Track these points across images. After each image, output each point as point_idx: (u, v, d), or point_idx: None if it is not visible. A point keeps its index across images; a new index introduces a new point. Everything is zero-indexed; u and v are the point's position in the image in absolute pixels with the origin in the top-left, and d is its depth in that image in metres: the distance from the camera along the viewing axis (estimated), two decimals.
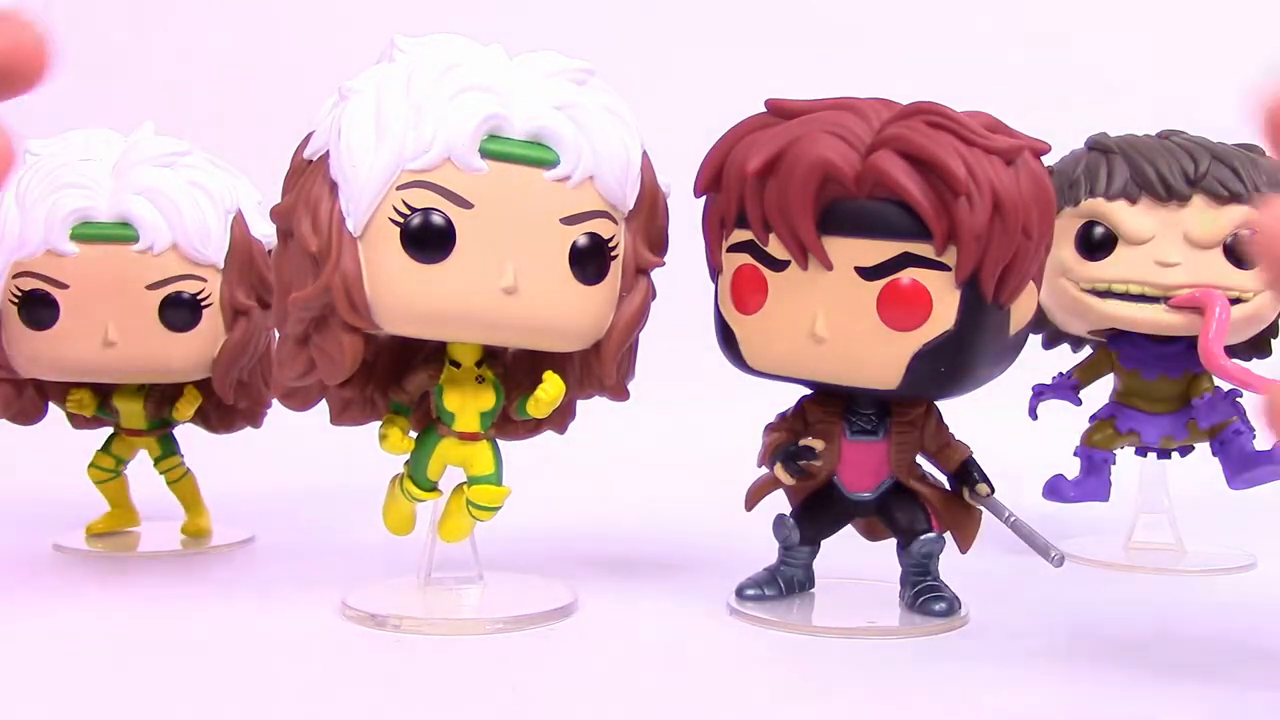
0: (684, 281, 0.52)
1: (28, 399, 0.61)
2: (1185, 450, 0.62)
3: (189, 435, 0.64)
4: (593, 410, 0.52)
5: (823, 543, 0.50)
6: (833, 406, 0.48)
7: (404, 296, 0.43)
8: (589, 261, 0.45)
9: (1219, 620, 0.50)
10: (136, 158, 0.57)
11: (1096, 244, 0.58)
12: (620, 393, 0.50)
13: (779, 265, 0.45)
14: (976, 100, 0.45)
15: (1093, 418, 0.62)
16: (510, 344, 0.49)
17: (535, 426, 0.52)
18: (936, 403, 0.48)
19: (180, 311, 0.57)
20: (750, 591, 0.49)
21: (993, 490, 0.48)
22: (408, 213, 0.43)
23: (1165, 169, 0.57)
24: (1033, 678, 0.42)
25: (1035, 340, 0.62)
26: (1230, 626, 0.49)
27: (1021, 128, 0.45)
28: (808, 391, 0.49)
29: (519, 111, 0.44)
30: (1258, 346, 0.62)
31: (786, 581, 0.50)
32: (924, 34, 1.19)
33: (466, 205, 0.43)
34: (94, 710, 0.37)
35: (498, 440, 0.49)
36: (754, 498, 0.51)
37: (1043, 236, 0.45)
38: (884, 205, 0.43)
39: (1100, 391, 0.63)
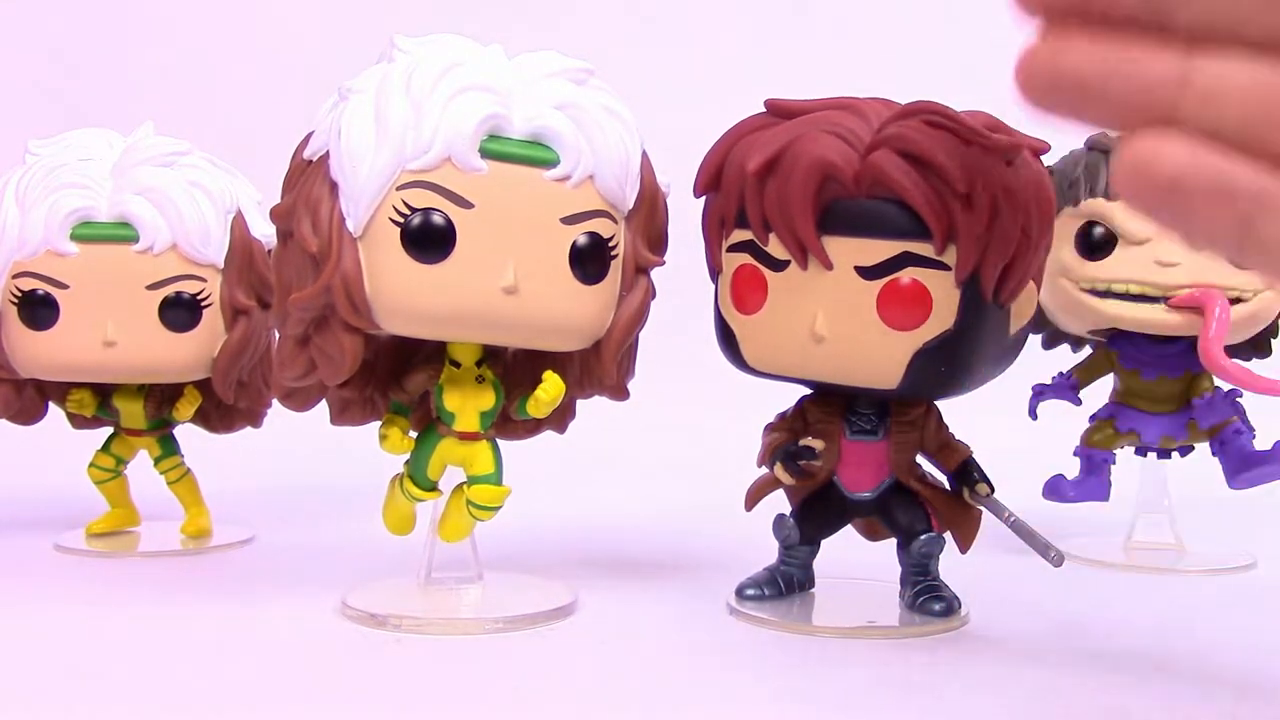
0: (684, 281, 0.52)
1: (28, 399, 0.61)
2: (1185, 450, 0.62)
3: (189, 435, 0.64)
4: (593, 410, 0.52)
5: (823, 543, 0.50)
6: (833, 406, 0.48)
7: (404, 296, 0.43)
8: (589, 261, 0.45)
9: (1219, 620, 0.50)
10: (136, 158, 0.57)
11: (1096, 244, 0.58)
12: (620, 392, 0.50)
13: (779, 265, 0.45)
14: (977, 100, 0.45)
15: (1093, 418, 0.62)
16: (510, 344, 0.49)
17: (535, 426, 0.52)
18: (936, 403, 0.48)
19: (180, 311, 0.57)
20: (750, 591, 0.49)
21: (993, 490, 0.48)
22: (408, 213, 0.43)
23: None
24: (1032, 678, 0.42)
25: (1035, 340, 0.62)
26: (1230, 626, 0.49)
27: (1021, 128, 0.45)
28: (808, 391, 0.49)
29: (519, 111, 0.44)
30: (1258, 346, 0.62)
31: (786, 581, 0.50)
32: (924, 34, 1.19)
33: (467, 205, 0.43)
34: (94, 710, 0.37)
35: (498, 440, 0.49)
36: (754, 498, 0.51)
37: (1042, 236, 0.45)
38: (883, 205, 0.43)
39: (1100, 391, 0.63)
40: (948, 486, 0.49)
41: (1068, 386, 0.63)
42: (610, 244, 0.46)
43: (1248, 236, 0.24)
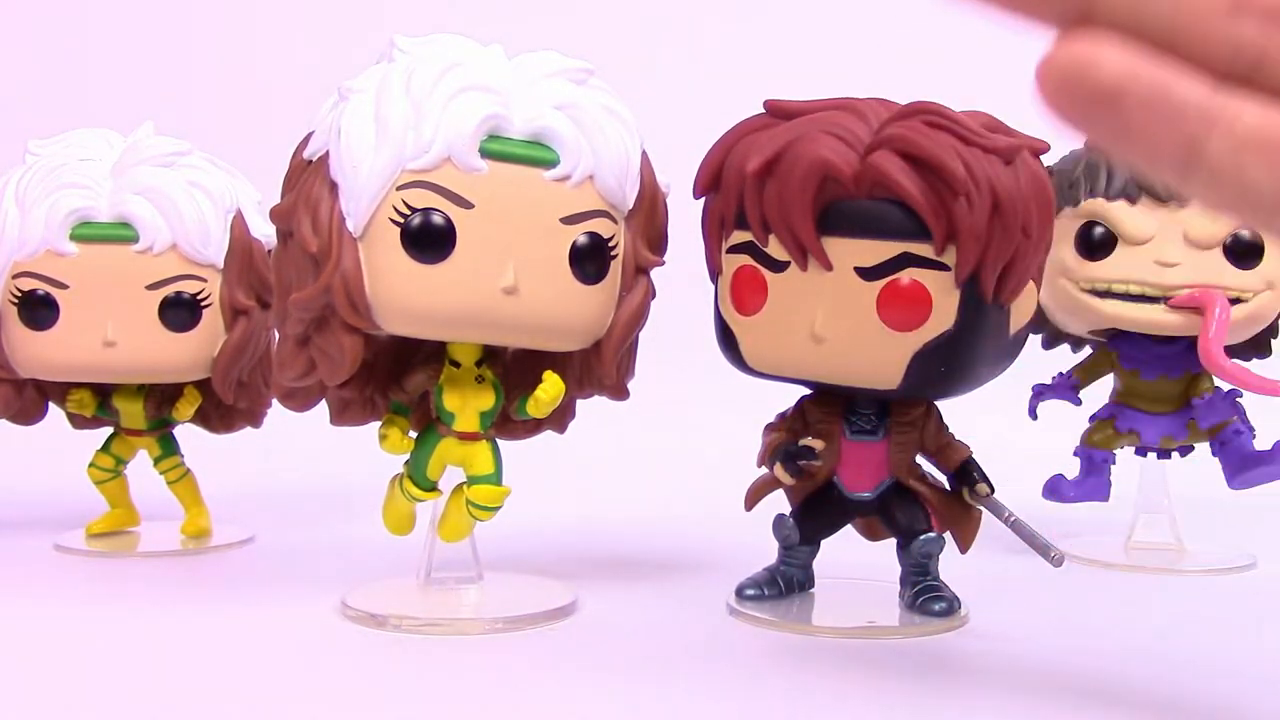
0: (684, 281, 0.52)
1: (28, 399, 0.61)
2: (1185, 450, 0.62)
3: (189, 435, 0.64)
4: (593, 410, 0.52)
5: (823, 543, 0.50)
6: (833, 406, 0.48)
7: (404, 296, 0.43)
8: (589, 261, 0.45)
9: (1219, 620, 0.50)
10: (136, 158, 0.57)
11: (1096, 244, 0.58)
12: (620, 392, 0.50)
13: (779, 266, 0.45)
14: (977, 100, 0.45)
15: (1093, 418, 0.62)
16: (510, 344, 0.49)
17: (535, 426, 0.52)
18: (936, 403, 0.48)
19: (180, 311, 0.57)
20: (750, 591, 0.49)
21: (993, 490, 0.48)
22: (408, 213, 0.43)
23: None
24: (1032, 678, 0.42)
25: (1035, 340, 0.62)
26: (1230, 626, 0.49)
27: (1021, 128, 0.45)
28: (808, 391, 0.49)
29: (519, 111, 0.44)
30: (1258, 346, 0.62)
31: (786, 581, 0.50)
32: (924, 34, 1.19)
33: (466, 205, 0.43)
34: (94, 710, 0.37)
35: (498, 440, 0.49)
36: (754, 498, 0.51)
37: (1042, 236, 0.45)
38: (883, 205, 0.43)
39: (1100, 391, 0.63)
40: (948, 486, 0.49)
41: (1068, 386, 0.63)
42: (610, 244, 0.46)
43: (1193, 160, 0.21)
